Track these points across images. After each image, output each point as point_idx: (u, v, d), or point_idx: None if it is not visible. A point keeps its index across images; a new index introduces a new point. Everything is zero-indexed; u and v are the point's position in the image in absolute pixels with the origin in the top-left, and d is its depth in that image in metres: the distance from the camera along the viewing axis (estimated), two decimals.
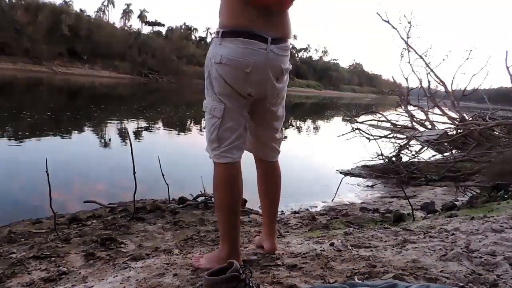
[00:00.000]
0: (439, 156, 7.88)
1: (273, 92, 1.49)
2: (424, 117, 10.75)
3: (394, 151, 7.64)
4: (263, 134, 1.62)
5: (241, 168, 1.53)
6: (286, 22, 1.45)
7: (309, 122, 17.82)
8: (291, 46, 1.52)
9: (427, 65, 10.41)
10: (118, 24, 58.44)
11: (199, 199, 3.69)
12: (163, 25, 64.80)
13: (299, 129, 14.47)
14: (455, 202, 3.74)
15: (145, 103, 18.71)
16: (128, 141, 3.43)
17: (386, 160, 6.51)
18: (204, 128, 1.56)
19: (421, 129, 10.23)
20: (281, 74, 1.47)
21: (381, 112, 12.37)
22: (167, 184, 3.61)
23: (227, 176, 1.47)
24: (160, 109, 16.10)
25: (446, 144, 8.45)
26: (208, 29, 71.91)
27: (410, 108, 11.56)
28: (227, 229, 1.51)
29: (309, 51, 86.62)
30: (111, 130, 9.81)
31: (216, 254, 1.59)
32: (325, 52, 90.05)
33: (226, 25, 1.37)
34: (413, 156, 7.36)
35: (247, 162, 1.64)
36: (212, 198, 3.67)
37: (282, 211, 3.81)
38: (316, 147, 9.77)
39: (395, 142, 8.67)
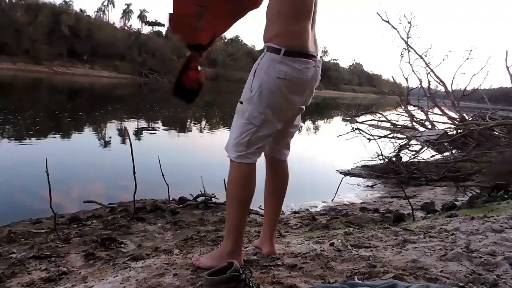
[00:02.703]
0: (439, 156, 7.88)
1: (311, 98, 1.67)
2: (424, 117, 10.75)
3: (394, 151, 7.64)
4: (288, 132, 1.72)
5: None
6: (316, 39, 1.63)
7: (309, 122, 17.81)
8: None
9: (427, 65, 10.42)
10: (118, 24, 58.42)
11: (199, 199, 3.69)
12: (163, 25, 64.54)
13: (299, 129, 14.45)
14: (455, 202, 3.74)
15: (145, 103, 18.71)
16: (128, 141, 3.43)
17: (386, 160, 6.51)
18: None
19: (421, 129, 10.22)
20: (317, 84, 1.65)
21: (381, 112, 12.38)
22: (167, 184, 3.61)
23: (245, 173, 1.55)
24: (160, 109, 16.10)
25: (446, 144, 8.45)
26: None
27: (410, 108, 11.55)
28: (236, 224, 1.56)
29: None
30: (111, 130, 9.81)
31: (218, 251, 1.61)
32: (325, 52, 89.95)
33: (287, 45, 1.48)
34: (413, 156, 7.36)
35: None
36: (212, 198, 3.68)
37: (282, 211, 3.81)
38: (316, 147, 9.76)
39: (395, 142, 8.66)
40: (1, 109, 10.61)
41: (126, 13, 63.06)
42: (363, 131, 9.46)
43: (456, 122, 9.46)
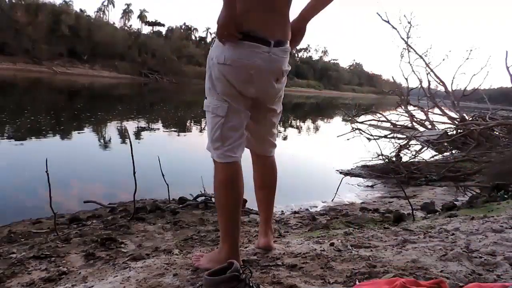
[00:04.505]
0: (439, 156, 7.88)
1: (273, 92, 1.53)
2: (424, 117, 10.77)
3: (394, 151, 7.64)
4: (262, 130, 1.64)
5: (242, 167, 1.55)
6: (287, 24, 1.48)
7: (309, 122, 17.82)
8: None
9: (427, 65, 10.44)
10: (118, 24, 58.42)
11: (199, 199, 3.68)
12: (163, 25, 64.78)
13: (299, 129, 14.47)
14: (455, 202, 3.74)
15: (145, 103, 18.71)
16: (128, 141, 3.43)
17: (386, 160, 6.51)
18: (205, 128, 1.57)
19: (421, 129, 10.24)
20: (281, 76, 1.50)
21: (381, 112, 12.39)
22: (167, 184, 3.61)
23: (229, 176, 1.47)
24: (160, 109, 16.11)
25: (446, 144, 8.46)
26: (208, 29, 71.89)
27: (410, 108, 11.57)
28: (228, 229, 1.52)
29: (309, 51, 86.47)
30: (111, 130, 9.81)
31: (216, 254, 1.59)
32: (325, 52, 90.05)
33: None
34: (413, 156, 7.36)
35: (246, 161, 1.64)
36: (212, 198, 3.67)
37: (282, 211, 3.81)
38: (316, 147, 9.77)
39: (395, 142, 8.67)
40: (1, 109, 10.61)
41: (126, 13, 63.09)
42: (363, 131, 9.46)
43: (456, 122, 9.47)
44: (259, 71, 1.40)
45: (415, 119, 10.85)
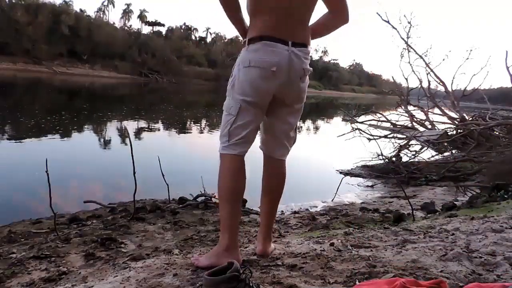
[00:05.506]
0: (439, 156, 7.88)
1: (296, 90, 1.60)
2: (424, 117, 10.75)
3: (394, 151, 7.64)
4: (277, 129, 1.67)
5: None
6: (303, 30, 1.58)
7: (309, 122, 17.81)
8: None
9: (427, 65, 10.42)
10: (118, 24, 58.37)
11: (199, 199, 3.68)
12: (163, 25, 64.81)
13: (299, 129, 14.45)
14: (455, 202, 3.74)
15: (145, 103, 18.70)
16: (128, 141, 3.43)
17: (386, 160, 6.52)
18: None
19: (421, 129, 10.22)
20: (303, 75, 1.58)
21: (381, 112, 12.37)
22: (167, 184, 3.61)
23: (231, 167, 1.58)
24: (160, 109, 16.10)
25: (446, 144, 8.45)
26: (208, 29, 72.07)
27: (410, 108, 11.55)
28: (227, 217, 1.58)
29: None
30: (111, 130, 9.81)
31: (215, 249, 1.63)
32: (325, 52, 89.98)
33: (251, 36, 1.55)
34: (413, 156, 7.36)
35: (248, 162, 1.65)
36: (212, 198, 3.68)
37: (282, 211, 3.81)
38: (316, 147, 9.76)
39: (395, 142, 8.66)
40: (1, 109, 10.61)
41: (126, 13, 63.09)
42: (363, 131, 9.46)
43: (456, 122, 9.46)
44: (280, 67, 1.51)
45: (415, 119, 10.83)
